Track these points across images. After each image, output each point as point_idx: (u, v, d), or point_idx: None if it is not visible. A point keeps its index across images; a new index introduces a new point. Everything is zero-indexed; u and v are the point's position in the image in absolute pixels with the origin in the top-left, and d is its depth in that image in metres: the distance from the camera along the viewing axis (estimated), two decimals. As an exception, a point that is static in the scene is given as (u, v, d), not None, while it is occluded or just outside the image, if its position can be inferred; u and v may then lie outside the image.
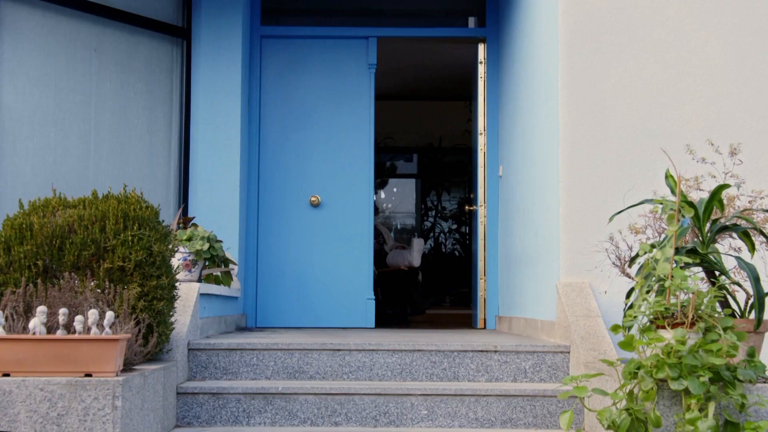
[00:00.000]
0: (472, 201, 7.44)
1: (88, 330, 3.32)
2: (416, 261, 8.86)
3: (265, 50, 6.99)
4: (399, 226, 13.37)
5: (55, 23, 5.80)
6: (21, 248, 3.66)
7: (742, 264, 3.45)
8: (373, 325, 6.79)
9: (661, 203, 3.47)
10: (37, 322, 3.27)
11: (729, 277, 3.47)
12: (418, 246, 8.84)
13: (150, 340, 3.73)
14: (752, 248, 3.56)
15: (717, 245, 3.58)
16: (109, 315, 3.34)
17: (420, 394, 4.11)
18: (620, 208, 3.83)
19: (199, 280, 5.19)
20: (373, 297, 6.85)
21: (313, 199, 6.90)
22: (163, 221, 4.07)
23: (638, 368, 3.17)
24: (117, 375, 3.25)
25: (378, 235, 9.24)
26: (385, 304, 8.96)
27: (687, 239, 3.55)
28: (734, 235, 3.63)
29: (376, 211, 10.46)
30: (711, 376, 3.06)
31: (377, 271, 8.63)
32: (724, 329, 3.14)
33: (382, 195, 13.29)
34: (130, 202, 3.88)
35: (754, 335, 3.37)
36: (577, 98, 4.77)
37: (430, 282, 12.18)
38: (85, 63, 5.95)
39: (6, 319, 3.37)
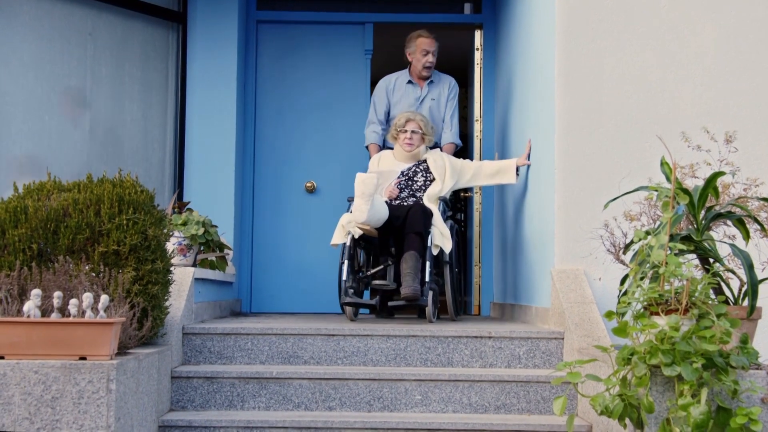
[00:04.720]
0: (468, 188, 7.44)
1: (82, 313, 3.31)
2: (359, 216, 5.02)
3: (261, 35, 6.96)
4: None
5: (50, 7, 5.77)
6: (15, 231, 3.66)
7: (737, 251, 3.46)
8: (368, 311, 6.77)
9: (656, 190, 3.47)
10: (31, 305, 3.26)
11: (723, 264, 3.47)
12: (357, 188, 5.01)
13: (144, 324, 3.73)
14: (747, 236, 3.56)
15: (711, 232, 3.58)
16: (104, 299, 3.34)
17: (414, 380, 4.12)
18: (615, 195, 3.83)
19: (194, 265, 5.19)
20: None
21: (308, 184, 6.89)
22: (158, 205, 4.07)
23: (632, 354, 3.18)
24: (111, 358, 3.26)
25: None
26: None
27: (681, 226, 3.55)
28: (729, 222, 3.63)
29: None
30: (704, 362, 3.07)
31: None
32: (718, 316, 3.14)
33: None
34: (125, 186, 3.87)
35: (747, 322, 3.38)
36: (573, 85, 4.77)
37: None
38: (80, 47, 5.92)
39: (0, 302, 3.37)
